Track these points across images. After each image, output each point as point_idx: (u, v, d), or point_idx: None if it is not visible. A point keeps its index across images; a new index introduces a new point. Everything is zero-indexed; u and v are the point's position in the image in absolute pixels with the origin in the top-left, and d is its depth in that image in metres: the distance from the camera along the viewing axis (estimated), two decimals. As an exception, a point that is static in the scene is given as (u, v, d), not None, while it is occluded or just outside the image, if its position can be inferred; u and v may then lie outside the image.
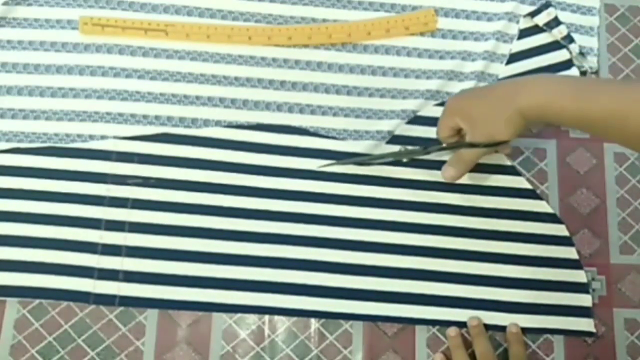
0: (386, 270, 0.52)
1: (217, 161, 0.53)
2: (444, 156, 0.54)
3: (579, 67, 0.58)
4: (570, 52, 0.58)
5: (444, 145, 0.50)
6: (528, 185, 0.55)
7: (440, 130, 0.50)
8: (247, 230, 0.52)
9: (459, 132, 0.49)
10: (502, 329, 0.52)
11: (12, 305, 0.50)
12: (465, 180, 0.54)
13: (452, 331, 0.51)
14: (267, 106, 0.55)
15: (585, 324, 0.52)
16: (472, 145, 0.46)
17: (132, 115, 0.54)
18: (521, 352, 0.50)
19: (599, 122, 0.41)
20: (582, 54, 0.58)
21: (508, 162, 0.55)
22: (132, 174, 0.53)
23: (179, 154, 0.53)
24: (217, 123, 0.55)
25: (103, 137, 0.54)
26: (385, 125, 0.55)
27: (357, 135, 0.55)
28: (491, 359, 0.49)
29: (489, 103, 0.45)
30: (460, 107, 0.48)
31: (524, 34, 0.58)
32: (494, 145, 0.46)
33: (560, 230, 0.54)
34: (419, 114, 0.56)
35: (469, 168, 0.50)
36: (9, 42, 0.55)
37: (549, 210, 0.55)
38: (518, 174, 0.55)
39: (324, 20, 0.58)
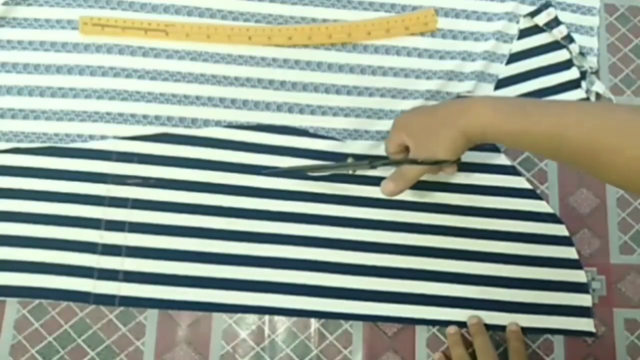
0: (386, 270, 0.52)
1: (216, 161, 0.53)
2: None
3: (579, 67, 0.58)
4: (570, 52, 0.58)
5: (389, 160, 0.50)
6: (528, 185, 0.55)
7: (388, 145, 0.50)
8: (247, 230, 0.52)
9: (406, 148, 0.49)
10: (502, 328, 0.52)
11: (12, 305, 0.50)
12: (465, 180, 0.54)
13: (451, 329, 0.51)
14: (267, 106, 0.55)
15: (585, 324, 0.52)
16: (414, 162, 0.46)
17: (132, 115, 0.54)
18: (520, 348, 0.50)
19: (541, 144, 0.41)
20: (582, 54, 0.58)
21: (508, 162, 0.55)
22: (132, 174, 0.53)
23: (178, 154, 0.53)
24: (217, 123, 0.55)
25: (103, 137, 0.54)
26: (385, 125, 0.55)
27: (357, 135, 0.55)
28: (490, 355, 0.49)
29: (433, 122, 0.46)
30: (407, 124, 0.48)
31: (524, 34, 0.58)
32: (435, 164, 0.46)
33: (560, 230, 0.54)
34: (419, 114, 0.56)
35: (409, 185, 0.49)
36: (9, 42, 0.55)
37: (549, 210, 0.55)
38: (518, 174, 0.55)
39: (324, 20, 0.58)
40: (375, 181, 0.54)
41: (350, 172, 0.52)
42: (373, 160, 0.49)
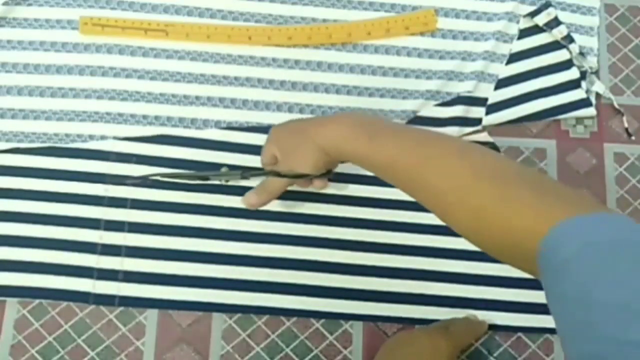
0: (386, 270, 0.52)
1: (215, 163, 0.53)
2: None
3: (579, 67, 0.58)
4: (570, 52, 0.58)
5: (260, 172, 0.49)
6: (528, 185, 0.55)
7: (263, 156, 0.49)
8: (247, 230, 0.52)
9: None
10: (502, 328, 0.52)
11: (12, 305, 0.50)
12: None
13: None
14: (267, 106, 0.55)
15: (585, 324, 0.52)
16: (278, 174, 0.46)
17: (132, 116, 0.54)
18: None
19: (377, 171, 0.41)
20: (582, 54, 0.58)
21: (508, 162, 0.55)
22: (131, 174, 0.53)
23: (177, 156, 0.53)
24: (217, 123, 0.55)
25: (103, 137, 0.54)
26: (385, 125, 0.55)
27: (357, 135, 0.55)
28: None
29: (298, 136, 0.45)
30: (277, 137, 0.48)
31: (524, 34, 0.58)
32: (297, 177, 0.46)
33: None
34: (419, 114, 0.56)
35: (272, 197, 0.48)
36: (9, 42, 0.55)
37: (549, 210, 0.54)
38: (518, 174, 0.55)
39: (324, 20, 0.58)
40: (375, 181, 0.54)
41: (223, 181, 0.51)
42: (245, 171, 0.49)
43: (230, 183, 0.52)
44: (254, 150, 0.54)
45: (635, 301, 0.24)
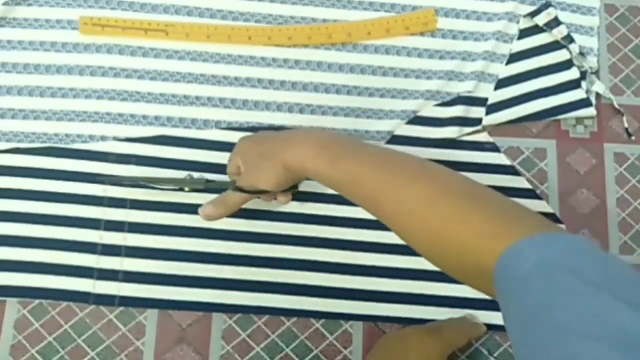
0: (386, 270, 0.52)
1: (214, 163, 0.53)
2: (444, 156, 0.54)
3: (579, 67, 0.58)
4: (570, 52, 0.58)
5: (222, 184, 0.49)
6: (528, 185, 0.55)
7: (228, 165, 0.49)
8: (247, 231, 0.52)
9: None
10: (502, 328, 0.51)
11: (12, 305, 0.50)
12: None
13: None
14: (267, 106, 0.55)
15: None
16: (239, 189, 0.45)
17: (132, 116, 0.54)
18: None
19: (342, 188, 0.41)
20: (582, 54, 0.58)
21: (508, 162, 0.55)
22: (130, 175, 0.53)
23: (176, 156, 0.53)
24: (217, 123, 0.55)
25: (103, 137, 0.54)
26: (385, 125, 0.55)
27: (357, 135, 0.55)
28: None
29: (262, 151, 0.45)
30: (243, 148, 0.47)
31: (524, 34, 0.58)
32: (257, 193, 0.45)
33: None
34: (419, 114, 0.56)
35: (229, 211, 0.47)
36: (9, 42, 0.55)
37: (549, 210, 0.55)
38: (518, 174, 0.55)
39: (324, 20, 0.58)
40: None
41: (186, 189, 0.50)
42: (209, 181, 0.49)
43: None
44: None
45: (582, 324, 0.25)
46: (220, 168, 0.52)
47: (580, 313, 0.25)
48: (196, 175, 0.50)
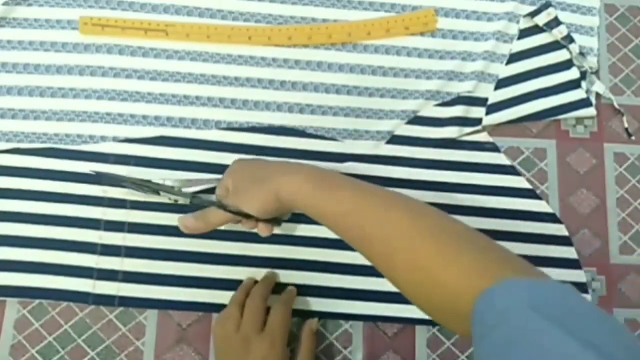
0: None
1: (214, 164, 0.53)
2: (444, 156, 0.54)
3: (579, 67, 0.58)
4: (570, 52, 0.58)
5: (208, 201, 0.48)
6: (528, 185, 0.55)
7: (218, 187, 0.48)
8: (247, 231, 0.52)
9: None
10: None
11: (12, 305, 0.50)
12: (465, 180, 0.54)
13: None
14: (267, 106, 0.55)
15: (585, 324, 0.52)
16: (221, 206, 0.45)
17: (132, 116, 0.54)
18: (312, 347, 0.49)
19: (329, 222, 0.42)
20: (582, 54, 0.58)
21: (508, 162, 0.55)
22: (129, 176, 0.52)
23: (177, 157, 0.53)
24: (217, 123, 0.55)
25: (103, 137, 0.54)
26: (385, 125, 0.55)
27: (357, 135, 0.55)
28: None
29: (254, 174, 0.45)
30: (236, 169, 0.47)
31: (524, 34, 0.58)
32: (239, 215, 0.44)
33: (560, 230, 0.54)
34: (419, 114, 0.56)
35: (208, 228, 0.46)
36: (9, 42, 0.55)
37: (548, 210, 0.55)
38: (518, 174, 0.55)
39: (324, 20, 0.58)
40: (375, 181, 0.53)
41: (172, 200, 0.50)
42: (195, 195, 0.48)
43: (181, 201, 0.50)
44: (254, 150, 0.54)
45: None
46: (219, 168, 0.52)
47: (539, 355, 0.26)
48: (196, 175, 0.50)
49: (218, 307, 0.50)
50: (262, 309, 0.47)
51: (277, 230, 0.52)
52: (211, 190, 0.50)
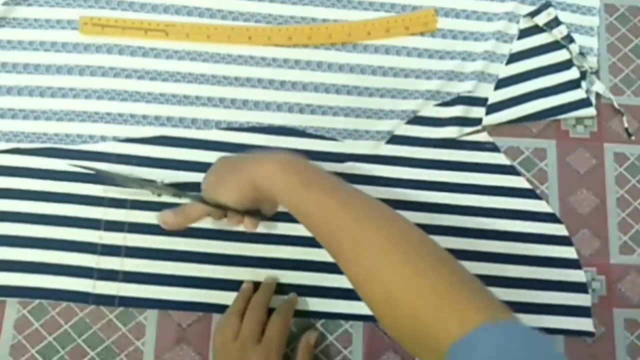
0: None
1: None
2: (444, 156, 0.54)
3: (579, 67, 0.58)
4: (570, 52, 0.58)
5: (194, 195, 0.47)
6: (528, 185, 0.55)
7: (202, 183, 0.47)
8: (246, 231, 0.52)
9: None
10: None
11: (12, 305, 0.50)
12: (465, 180, 0.54)
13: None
14: (267, 106, 0.55)
15: (584, 324, 0.52)
16: (200, 199, 0.44)
17: (132, 116, 0.54)
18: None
19: (302, 222, 0.41)
20: (582, 54, 0.58)
21: (508, 162, 0.55)
22: (131, 175, 0.53)
23: (177, 157, 0.53)
24: (217, 123, 0.55)
25: (103, 137, 0.54)
26: (385, 125, 0.55)
27: (357, 135, 0.55)
28: None
29: (232, 164, 0.44)
30: (217, 165, 0.46)
31: (524, 34, 0.58)
32: (217, 207, 0.44)
33: (560, 230, 0.54)
34: (419, 114, 0.56)
35: (188, 222, 0.46)
36: (9, 42, 0.55)
37: (548, 210, 0.55)
38: (518, 174, 0.55)
39: (324, 20, 0.58)
40: (375, 181, 0.54)
41: (156, 195, 0.50)
42: (182, 190, 0.48)
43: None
44: (254, 150, 0.54)
45: None
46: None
47: None
48: (193, 175, 0.50)
49: (218, 307, 0.51)
50: (261, 320, 0.48)
51: (277, 231, 0.52)
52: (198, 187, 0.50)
